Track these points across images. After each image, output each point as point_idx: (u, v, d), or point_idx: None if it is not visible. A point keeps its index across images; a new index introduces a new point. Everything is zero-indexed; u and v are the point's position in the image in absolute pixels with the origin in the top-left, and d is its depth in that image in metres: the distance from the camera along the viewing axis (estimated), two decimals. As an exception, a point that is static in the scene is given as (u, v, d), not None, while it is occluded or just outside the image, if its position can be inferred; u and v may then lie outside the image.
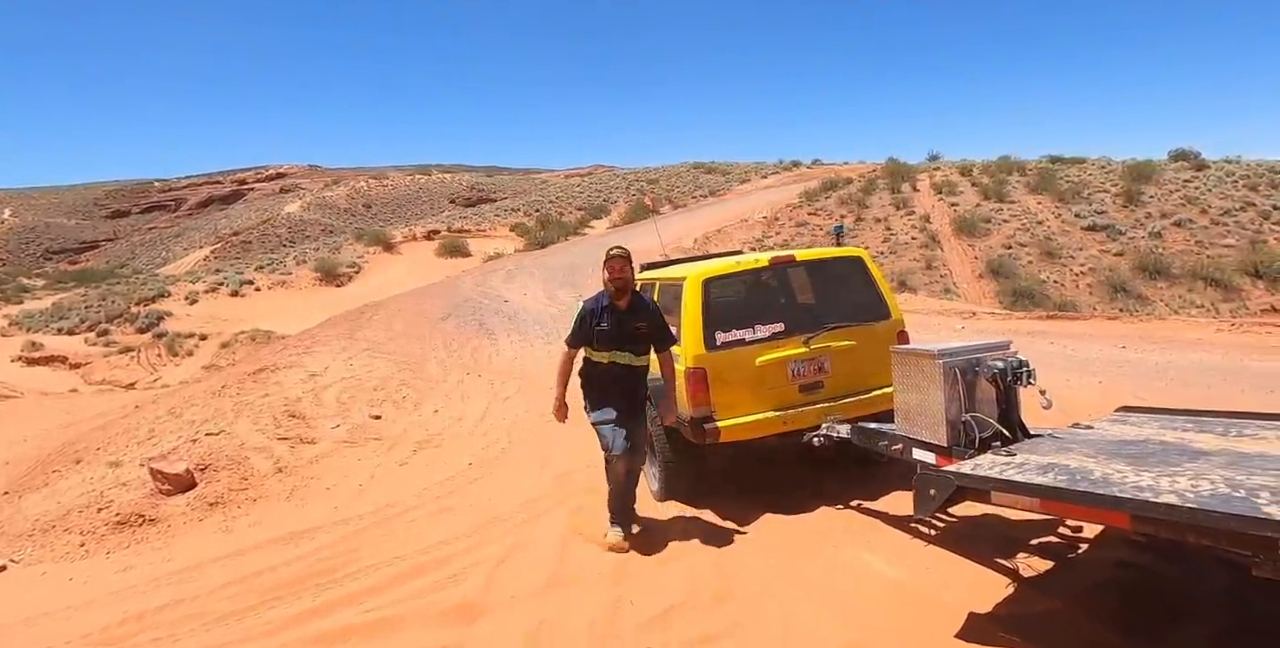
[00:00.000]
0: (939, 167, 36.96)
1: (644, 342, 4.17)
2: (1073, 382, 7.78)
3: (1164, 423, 3.43)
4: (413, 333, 16.41)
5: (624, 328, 4.10)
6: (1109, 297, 25.27)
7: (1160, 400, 6.31)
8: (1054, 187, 30.43)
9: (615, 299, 4.10)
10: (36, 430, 14.27)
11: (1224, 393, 6.76)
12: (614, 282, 4.06)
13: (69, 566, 4.99)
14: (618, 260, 4.06)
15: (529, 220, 46.50)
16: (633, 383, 4.20)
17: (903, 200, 33.49)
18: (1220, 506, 2.04)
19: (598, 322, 4.10)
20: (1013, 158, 35.88)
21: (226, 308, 37.80)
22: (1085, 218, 28.37)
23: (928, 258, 28.92)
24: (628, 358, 4.15)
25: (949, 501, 2.70)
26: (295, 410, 8.21)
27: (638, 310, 4.14)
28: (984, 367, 3.24)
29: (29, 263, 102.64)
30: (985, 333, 12.40)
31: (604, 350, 4.14)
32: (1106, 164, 32.72)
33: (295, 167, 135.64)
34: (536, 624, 3.08)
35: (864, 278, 4.55)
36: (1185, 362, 8.81)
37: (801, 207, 37.08)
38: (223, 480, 5.84)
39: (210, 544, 4.95)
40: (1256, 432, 3.08)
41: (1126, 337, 10.74)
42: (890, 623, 2.85)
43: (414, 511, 5.13)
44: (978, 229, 29.62)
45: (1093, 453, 2.86)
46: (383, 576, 3.91)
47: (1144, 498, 2.18)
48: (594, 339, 4.13)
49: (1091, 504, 2.26)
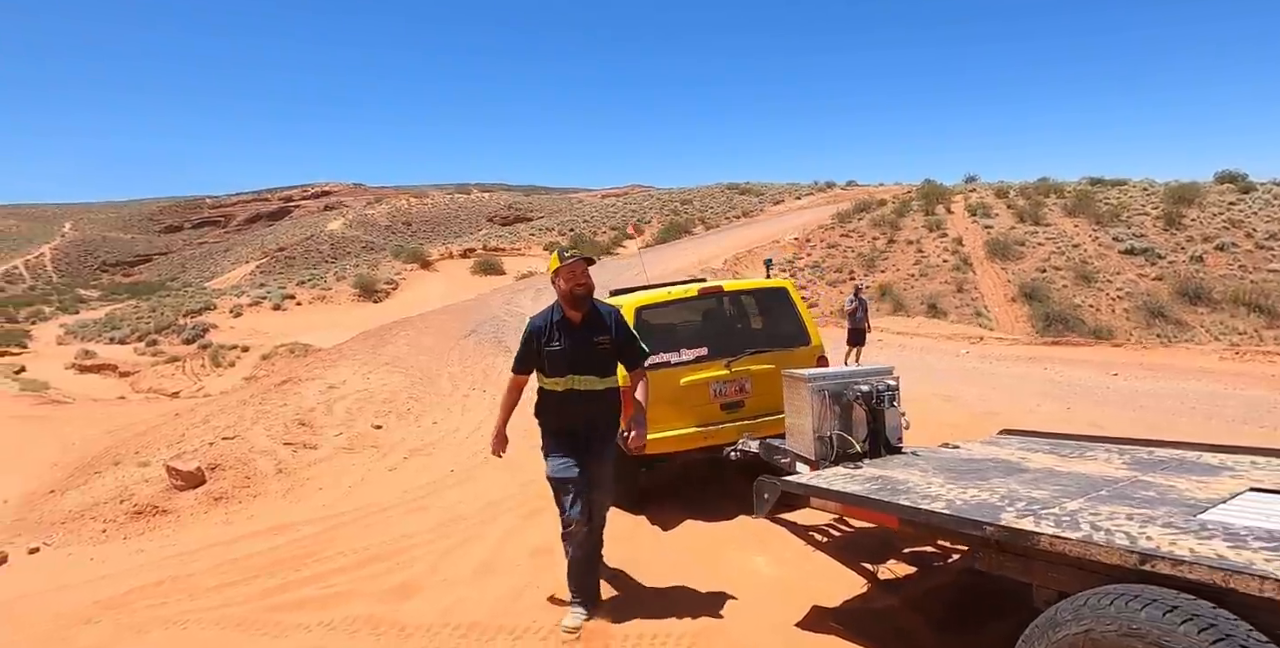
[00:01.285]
0: (975, 189, 36.89)
1: (609, 360, 3.54)
2: (1041, 408, 8.11)
3: (1024, 444, 3.90)
4: (434, 349, 17.28)
5: (582, 346, 3.44)
6: (1145, 322, 24.93)
7: (1118, 426, 6.67)
8: (1092, 209, 30.15)
9: (572, 310, 3.45)
10: (85, 435, 15.44)
11: (1174, 419, 7.04)
12: (576, 288, 3.39)
13: (91, 548, 5.82)
14: (579, 263, 3.41)
15: (563, 240, 47.66)
16: (600, 414, 3.57)
17: (936, 222, 33.48)
18: (963, 512, 2.55)
19: (547, 340, 3.43)
20: (1052, 180, 35.61)
21: (268, 321, 39.63)
22: (1123, 241, 28.06)
23: (959, 281, 28.88)
24: (590, 382, 3.49)
25: (779, 504, 3.24)
26: (306, 419, 9.03)
27: (595, 323, 3.49)
28: (852, 391, 3.76)
29: (86, 275, 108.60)
30: (987, 358, 12.69)
31: (559, 376, 3.47)
32: (1149, 186, 32.28)
33: (340, 185, 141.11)
34: (454, 601, 3.69)
35: (787, 307, 5.09)
36: (1170, 390, 9.03)
37: (834, 228, 37.31)
38: (229, 479, 6.64)
39: (211, 533, 5.72)
40: (1095, 454, 3.54)
41: (1126, 364, 10.93)
42: (749, 610, 3.38)
43: (391, 509, 5.81)
44: (1011, 252, 29.50)
45: (928, 468, 3.36)
46: (348, 561, 4.59)
47: (914, 505, 2.69)
48: (545, 363, 3.46)
49: (874, 509, 2.79)
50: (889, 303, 28.53)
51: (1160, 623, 1.69)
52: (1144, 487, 2.77)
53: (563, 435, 3.51)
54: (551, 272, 3.49)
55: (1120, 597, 1.82)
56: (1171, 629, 1.67)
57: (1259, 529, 2.06)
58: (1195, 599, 1.72)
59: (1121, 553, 1.92)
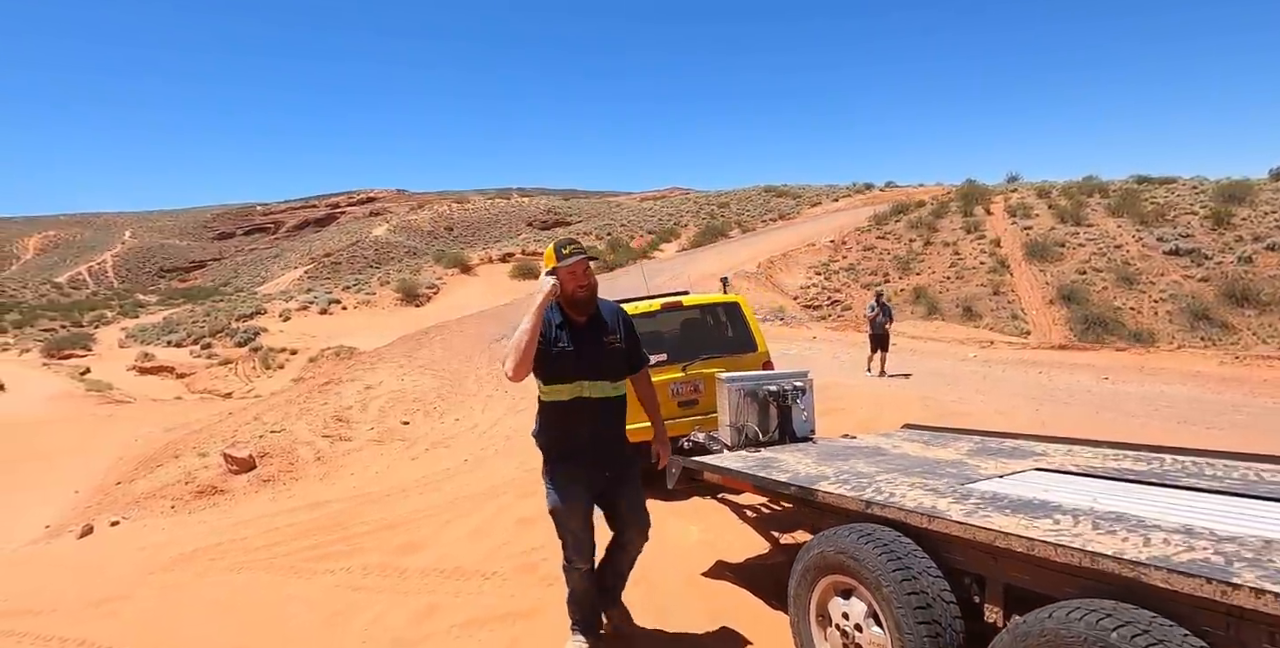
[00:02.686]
0: (1016, 188, 36.79)
1: (621, 362, 3.17)
2: (1012, 408, 8.82)
3: (909, 436, 4.77)
4: (465, 352, 18.58)
5: (591, 345, 3.04)
6: (1189, 325, 24.81)
7: (1061, 424, 7.41)
8: (1136, 209, 29.90)
9: (576, 314, 3.06)
10: (145, 433, 17.15)
11: (1124, 419, 7.74)
12: (579, 291, 2.99)
13: (162, 520, 7.12)
14: (582, 261, 2.98)
15: (600, 244, 48.91)
16: (613, 428, 3.18)
17: (974, 224, 33.59)
18: (792, 479, 3.46)
19: (555, 341, 2.98)
20: (1098, 179, 35.30)
21: (315, 325, 41.80)
22: (1168, 242, 27.85)
23: (995, 283, 29.01)
24: (602, 389, 3.08)
25: (684, 478, 4.21)
26: (343, 416, 10.30)
27: (600, 323, 3.12)
28: (763, 390, 4.69)
29: (145, 280, 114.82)
30: (991, 362, 13.33)
31: (563, 381, 3.01)
32: (1199, 184, 31.84)
33: (384, 191, 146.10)
34: (446, 554, 4.76)
35: (739, 319, 6.03)
36: (1147, 393, 9.64)
37: (870, 230, 37.64)
38: (275, 465, 7.89)
39: (260, 507, 6.95)
40: (955, 444, 4.38)
41: (1125, 368, 11.50)
42: (673, 564, 4.35)
43: (409, 490, 6.94)
44: (1050, 253, 29.50)
45: (810, 453, 4.28)
46: (367, 528, 5.71)
47: (761, 475, 3.61)
48: (548, 367, 2.99)
49: (738, 478, 3.73)
50: (923, 306, 28.85)
51: (854, 545, 2.62)
52: (956, 466, 3.64)
53: (571, 458, 3.08)
54: (546, 270, 3.03)
55: (843, 529, 2.75)
56: (861, 547, 2.59)
57: (1000, 494, 2.93)
58: (885, 529, 2.64)
59: (856, 501, 2.85)
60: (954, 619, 2.37)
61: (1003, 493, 2.92)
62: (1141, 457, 3.62)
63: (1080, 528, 2.27)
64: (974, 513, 2.56)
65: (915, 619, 2.34)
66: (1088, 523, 2.33)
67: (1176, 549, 1.98)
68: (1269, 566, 1.79)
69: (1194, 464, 3.36)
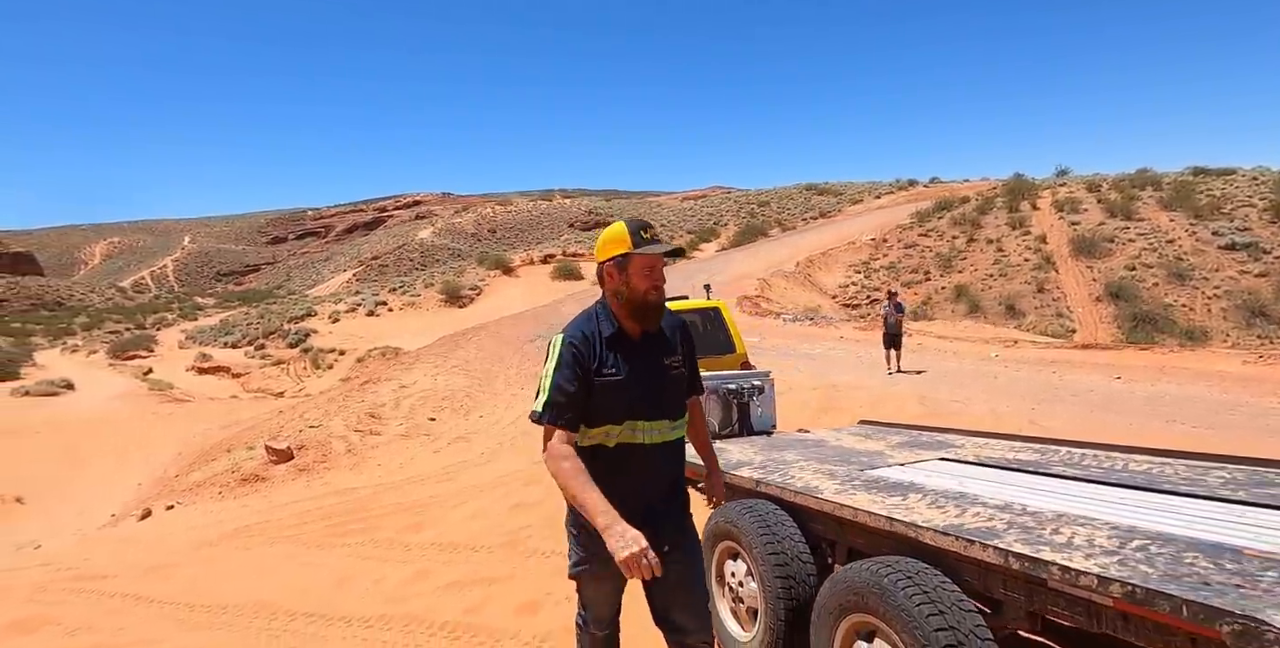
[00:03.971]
0: (1065, 183, 36.16)
1: (682, 392, 2.39)
2: (1009, 407, 9.20)
3: (857, 431, 5.30)
4: (498, 353, 19.50)
5: (648, 371, 2.22)
6: (1245, 322, 24.30)
7: (1050, 423, 7.81)
8: (1190, 202, 29.21)
9: (637, 322, 2.23)
10: (202, 430, 18.51)
11: (1110, 417, 8.07)
12: (651, 293, 2.19)
13: (212, 504, 8.09)
14: (656, 256, 2.21)
15: (639, 244, 49.57)
16: (673, 482, 2.37)
17: (1020, 220, 33.20)
18: (723, 465, 4.06)
19: (599, 366, 2.16)
20: (1152, 171, 34.50)
21: (363, 326, 43.51)
22: (1224, 235, 27.22)
23: (1040, 281, 28.73)
24: (660, 431, 2.24)
25: None
26: (376, 413, 11.23)
27: (659, 339, 2.31)
28: (723, 389, 5.30)
29: (203, 284, 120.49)
30: (1010, 361, 13.58)
31: (611, 422, 2.18)
32: (1260, 175, 30.90)
33: (430, 194, 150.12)
34: (445, 532, 5.52)
35: (719, 323, 6.63)
36: (1157, 393, 9.88)
37: (912, 228, 37.46)
38: (310, 456, 8.82)
39: (296, 493, 7.85)
40: (886, 437, 4.90)
41: (1142, 368, 11.68)
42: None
43: (427, 480, 7.75)
44: (1098, 249, 29.05)
45: (759, 444, 4.87)
46: (384, 511, 6.52)
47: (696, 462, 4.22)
48: (596, 404, 2.15)
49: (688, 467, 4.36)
50: (964, 305, 28.75)
51: (738, 516, 3.23)
52: (872, 456, 4.19)
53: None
54: (608, 258, 2.23)
55: (734, 503, 3.36)
56: (742, 517, 3.20)
57: (883, 478, 3.49)
58: (765, 503, 3.24)
59: (749, 481, 3.46)
60: (808, 576, 2.97)
61: (887, 478, 3.47)
62: (1039, 449, 4.12)
63: (919, 505, 2.83)
64: (841, 493, 3.13)
65: (774, 574, 2.95)
66: (929, 500, 2.88)
67: (970, 519, 2.54)
68: (1034, 532, 2.33)
69: (1078, 456, 3.85)
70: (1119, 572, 1.87)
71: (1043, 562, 2.01)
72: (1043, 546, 2.16)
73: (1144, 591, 1.74)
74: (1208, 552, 2.01)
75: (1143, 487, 3.00)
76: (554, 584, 4.12)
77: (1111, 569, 1.89)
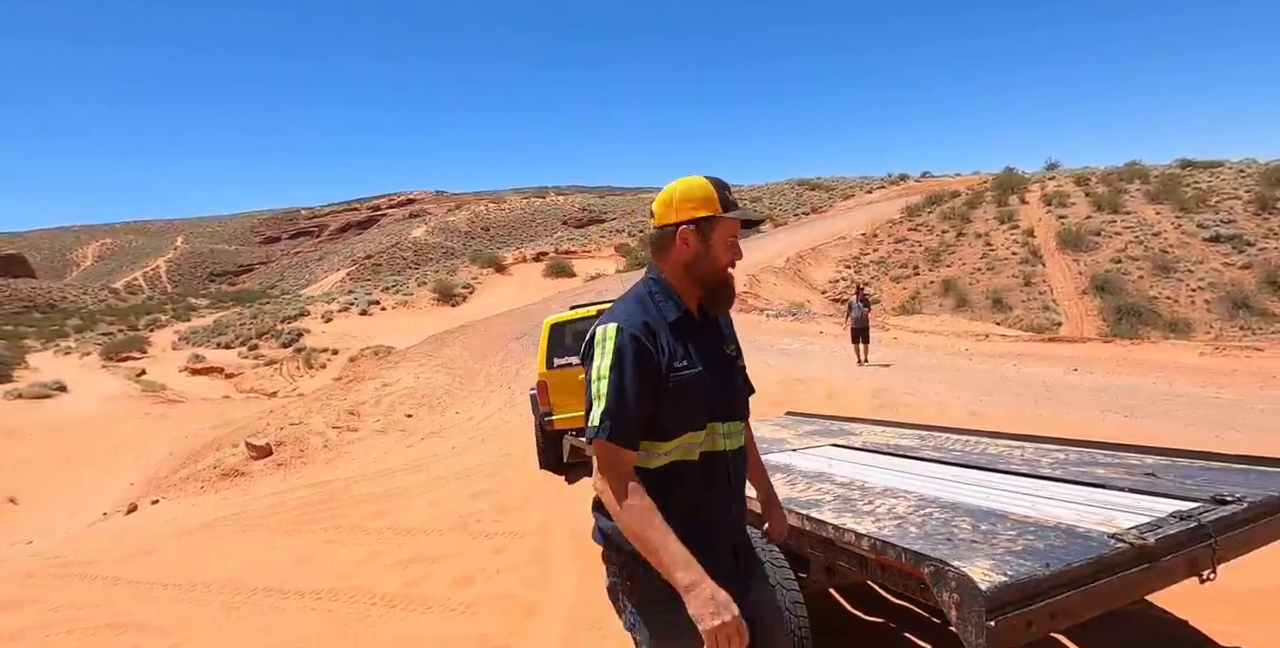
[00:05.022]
0: (1054, 176, 36.60)
1: (747, 387, 1.93)
2: (959, 400, 9.67)
3: (779, 422, 5.75)
4: (483, 351, 19.99)
5: (717, 362, 1.78)
6: (1227, 314, 24.77)
7: (992, 413, 8.29)
8: (1177, 195, 29.64)
9: (708, 305, 1.81)
10: (194, 430, 18.99)
11: (1055, 408, 8.57)
12: (732, 266, 1.80)
13: (193, 498, 8.60)
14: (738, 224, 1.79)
15: (632, 241, 50.10)
16: (742, 492, 1.84)
17: (1008, 214, 33.65)
18: None
19: (670, 359, 1.66)
20: (1141, 164, 34.93)
21: (356, 326, 43.96)
22: (1209, 228, 27.66)
23: (1027, 274, 29.20)
24: (737, 435, 1.81)
25: (575, 454, 5.34)
26: (356, 410, 11.74)
27: (717, 322, 1.87)
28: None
29: (196, 284, 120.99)
30: (977, 355, 14.07)
31: (693, 428, 1.68)
32: (1246, 167, 31.35)
33: (423, 193, 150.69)
34: (403, 517, 6.01)
35: (667, 321, 7.08)
36: (1105, 385, 10.36)
37: (902, 222, 37.93)
38: (288, 451, 9.32)
39: (273, 486, 8.36)
40: (799, 427, 5.37)
41: (1102, 360, 12.16)
42: (561, 522, 5.49)
43: (397, 472, 8.25)
44: (1085, 243, 29.49)
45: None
46: (352, 501, 7.02)
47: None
48: (671, 408, 1.66)
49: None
50: (952, 299, 29.25)
51: None
52: (776, 443, 4.65)
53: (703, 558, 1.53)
54: (687, 221, 1.74)
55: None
56: None
57: (771, 462, 3.97)
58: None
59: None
60: None
61: (769, 461, 3.96)
62: (923, 436, 4.60)
63: (778, 483, 3.31)
64: None
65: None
66: (789, 479, 3.37)
67: (808, 494, 3.02)
68: (850, 503, 2.79)
69: (951, 441, 4.33)
70: (881, 531, 2.34)
71: (824, 523, 2.49)
72: (846, 513, 2.64)
73: (882, 543, 2.22)
74: (978, 516, 2.48)
75: (983, 467, 3.45)
76: (490, 561, 4.62)
77: (885, 530, 2.36)
